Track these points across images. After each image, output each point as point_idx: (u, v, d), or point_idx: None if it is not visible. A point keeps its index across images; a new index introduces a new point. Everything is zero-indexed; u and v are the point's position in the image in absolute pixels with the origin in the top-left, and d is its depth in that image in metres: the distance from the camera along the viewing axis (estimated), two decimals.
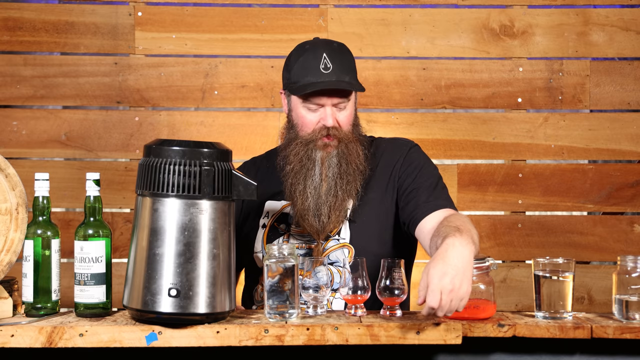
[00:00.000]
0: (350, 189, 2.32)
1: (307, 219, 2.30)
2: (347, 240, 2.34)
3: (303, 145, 2.32)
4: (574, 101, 3.28)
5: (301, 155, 2.32)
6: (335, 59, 2.32)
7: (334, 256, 2.33)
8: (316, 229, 2.30)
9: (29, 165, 3.25)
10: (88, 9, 3.25)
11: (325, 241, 2.34)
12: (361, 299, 2.08)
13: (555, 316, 2.03)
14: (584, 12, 3.28)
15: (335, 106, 2.31)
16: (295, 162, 2.32)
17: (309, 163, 2.31)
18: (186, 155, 1.94)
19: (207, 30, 3.27)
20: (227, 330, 1.93)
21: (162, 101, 3.27)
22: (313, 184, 2.31)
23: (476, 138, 3.27)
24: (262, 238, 2.40)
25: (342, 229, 2.34)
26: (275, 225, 2.40)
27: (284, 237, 2.38)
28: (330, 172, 2.31)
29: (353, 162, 2.32)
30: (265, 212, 2.42)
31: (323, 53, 2.32)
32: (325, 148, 2.32)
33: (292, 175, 2.33)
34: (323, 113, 2.31)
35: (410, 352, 1.99)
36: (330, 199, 2.30)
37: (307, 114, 2.32)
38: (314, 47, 2.35)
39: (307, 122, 2.33)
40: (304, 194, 2.31)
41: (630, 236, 3.27)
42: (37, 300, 2.06)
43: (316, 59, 2.31)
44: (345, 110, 2.33)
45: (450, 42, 3.28)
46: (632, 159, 3.29)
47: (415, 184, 2.34)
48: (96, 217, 2.08)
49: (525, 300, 3.25)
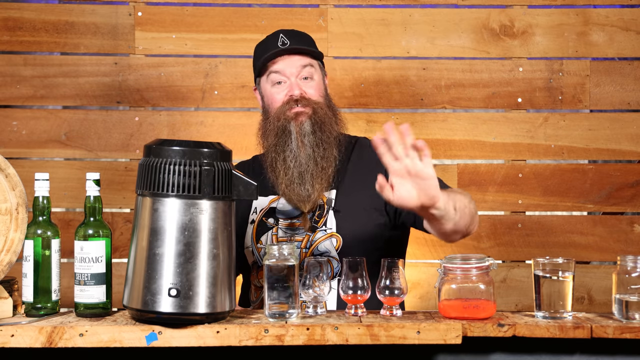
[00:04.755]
0: (327, 156, 2.38)
1: (293, 189, 2.36)
2: (334, 230, 2.37)
3: (276, 120, 2.40)
4: (574, 101, 3.28)
5: (276, 129, 2.39)
6: (292, 36, 2.44)
7: (322, 247, 2.36)
8: (302, 197, 2.36)
9: (29, 165, 3.25)
10: (88, 9, 3.25)
11: (313, 232, 2.37)
12: (361, 298, 2.08)
13: (555, 316, 2.03)
14: (584, 12, 3.28)
15: (299, 78, 2.41)
16: (271, 136, 2.40)
17: (285, 134, 2.38)
18: (186, 155, 1.94)
19: (207, 30, 3.27)
20: (227, 330, 1.93)
21: (162, 101, 3.27)
22: (292, 154, 2.37)
23: (476, 138, 3.27)
24: (251, 233, 2.44)
25: (327, 219, 2.38)
26: (264, 220, 2.44)
27: (273, 231, 2.41)
28: (307, 139, 2.37)
29: (327, 129, 2.39)
30: (254, 209, 2.47)
31: (280, 34, 2.45)
32: (297, 117, 2.39)
33: (272, 149, 2.40)
34: (289, 86, 2.40)
35: (410, 352, 1.99)
36: (311, 166, 2.36)
37: (274, 89, 2.43)
38: (273, 33, 2.49)
39: (276, 98, 2.42)
40: (284, 164, 2.38)
41: (630, 236, 3.27)
42: (37, 300, 2.06)
43: (274, 38, 2.45)
44: (312, 80, 2.43)
45: (450, 42, 3.28)
46: (632, 159, 3.29)
47: None
48: (96, 217, 2.08)
49: (525, 300, 3.25)
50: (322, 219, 2.39)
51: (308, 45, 2.47)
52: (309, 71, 2.43)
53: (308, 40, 2.51)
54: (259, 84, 2.52)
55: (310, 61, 2.44)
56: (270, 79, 2.44)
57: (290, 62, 2.42)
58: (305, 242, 2.37)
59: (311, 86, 2.43)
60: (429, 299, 3.25)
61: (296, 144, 2.37)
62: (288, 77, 2.41)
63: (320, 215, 2.40)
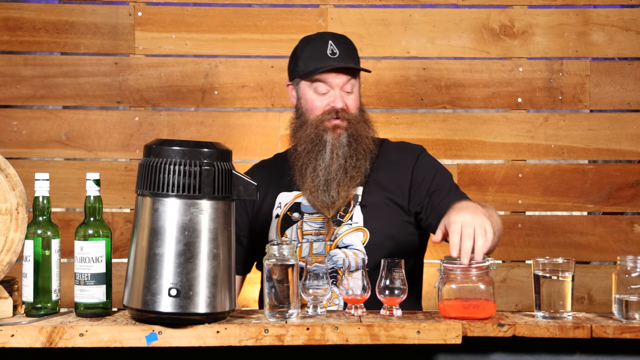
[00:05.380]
0: (359, 166, 2.42)
1: (316, 195, 2.40)
2: (361, 224, 2.40)
3: (313, 128, 2.43)
4: (574, 101, 3.28)
5: (312, 136, 2.43)
6: (340, 45, 2.45)
7: (347, 240, 2.40)
8: (326, 204, 2.40)
9: (29, 165, 3.25)
10: (88, 9, 3.25)
11: (338, 226, 2.41)
12: (361, 298, 2.08)
13: (555, 316, 2.03)
14: (584, 12, 3.28)
15: (342, 90, 2.43)
16: (306, 143, 2.43)
17: (320, 144, 2.42)
18: (186, 155, 1.94)
19: (207, 30, 3.27)
20: (227, 330, 1.93)
21: (162, 101, 3.27)
22: (324, 163, 2.41)
23: (476, 138, 3.27)
24: (276, 227, 2.48)
25: (354, 214, 2.42)
26: (289, 215, 2.47)
27: (298, 225, 2.45)
28: (341, 151, 2.41)
29: (362, 142, 2.43)
30: (278, 203, 2.50)
31: (329, 41, 2.45)
32: (335, 129, 2.42)
33: (303, 155, 2.44)
34: (332, 96, 2.43)
35: (410, 352, 1.99)
36: (339, 175, 2.40)
37: (316, 97, 2.44)
38: (320, 36, 2.51)
39: (316, 106, 2.44)
40: (314, 172, 2.41)
41: (630, 236, 3.27)
42: (37, 300, 2.06)
43: (323, 45, 2.44)
44: (352, 94, 2.45)
45: (450, 42, 3.28)
46: (632, 159, 3.29)
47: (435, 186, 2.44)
48: (96, 217, 2.08)
49: (525, 300, 3.25)
50: (349, 214, 2.43)
51: (356, 58, 2.48)
52: (352, 84, 2.46)
53: (352, 50, 2.50)
54: (297, 84, 2.51)
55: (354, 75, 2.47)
56: (314, 86, 2.45)
57: (338, 76, 2.43)
58: (330, 235, 2.41)
59: (352, 99, 2.46)
60: (429, 299, 3.25)
61: (329, 155, 2.42)
62: (333, 88, 2.44)
63: (346, 211, 2.44)
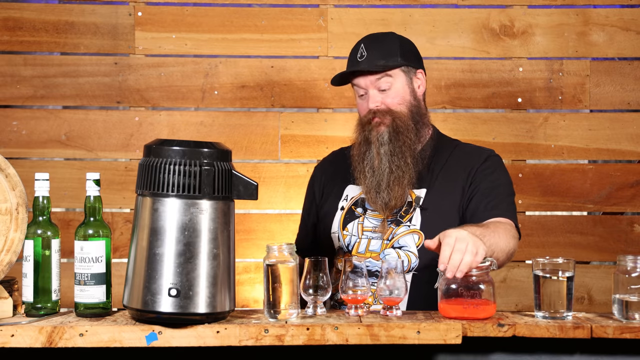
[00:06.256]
0: (405, 164, 2.44)
1: (372, 196, 2.44)
2: (418, 227, 2.42)
3: (360, 130, 2.49)
4: (574, 101, 3.28)
5: (360, 138, 2.49)
6: (370, 46, 2.48)
7: (403, 241, 2.41)
8: (380, 205, 2.43)
9: (29, 165, 3.25)
10: (88, 9, 3.25)
11: (397, 227, 2.43)
12: (361, 298, 2.08)
13: (555, 316, 2.03)
14: (584, 12, 3.28)
15: (378, 89, 2.46)
16: (356, 145, 2.50)
17: (365, 144, 2.47)
18: (186, 155, 1.94)
19: (207, 30, 3.28)
20: (227, 330, 1.93)
21: (162, 101, 3.27)
22: (370, 163, 2.45)
23: (476, 138, 3.27)
24: (339, 220, 2.51)
25: (413, 216, 2.44)
26: (353, 209, 2.51)
27: (359, 220, 2.48)
28: (382, 149, 2.44)
29: (404, 138, 2.45)
30: (345, 195, 2.55)
31: (361, 44, 2.50)
32: (377, 128, 2.46)
33: (355, 158, 2.49)
34: (368, 98, 2.48)
35: (410, 352, 1.99)
36: (386, 174, 2.43)
37: (359, 100, 2.52)
38: (360, 39, 2.53)
39: (361, 109, 2.51)
40: (363, 173, 2.46)
41: (630, 236, 3.27)
42: (37, 300, 2.06)
43: (355, 49, 2.50)
44: (390, 90, 2.46)
45: (450, 42, 3.28)
46: (632, 159, 3.29)
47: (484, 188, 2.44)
48: (96, 217, 2.08)
49: (525, 300, 3.25)
50: (409, 215, 2.45)
51: (384, 56, 2.47)
52: (387, 82, 2.46)
53: (387, 48, 2.49)
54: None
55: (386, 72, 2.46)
56: (355, 89, 2.52)
57: (365, 77, 2.47)
58: (387, 235, 2.43)
59: (390, 95, 2.47)
60: None
61: (374, 153, 2.45)
62: (366, 90, 2.47)
63: (407, 212, 2.45)
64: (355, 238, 2.46)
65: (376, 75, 2.44)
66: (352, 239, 2.46)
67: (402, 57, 2.47)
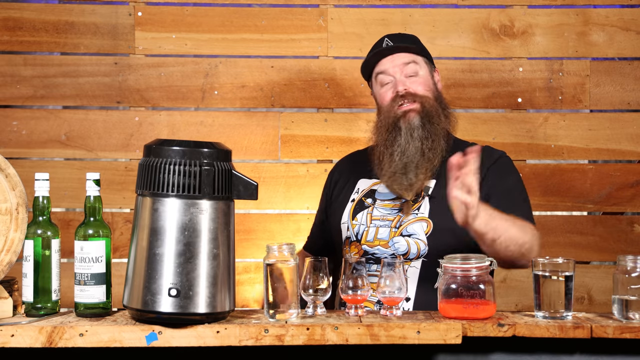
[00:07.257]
0: (435, 146, 2.48)
1: (395, 179, 2.46)
2: (427, 215, 2.44)
3: (387, 117, 2.50)
4: (574, 101, 3.28)
5: (387, 125, 2.50)
6: (394, 38, 2.55)
7: (411, 228, 2.43)
8: (404, 186, 2.45)
9: (29, 165, 3.25)
10: (88, 9, 3.25)
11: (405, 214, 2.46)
12: (361, 298, 2.08)
13: (555, 316, 2.03)
14: (584, 12, 3.28)
15: (405, 75, 2.50)
16: (383, 132, 2.51)
17: (395, 130, 2.49)
18: (186, 155, 1.95)
19: (207, 30, 3.27)
20: (227, 330, 1.93)
21: (162, 101, 3.27)
22: (400, 148, 2.47)
23: (476, 138, 3.27)
24: (349, 210, 2.55)
25: (422, 204, 2.46)
26: (363, 200, 2.55)
27: (369, 210, 2.51)
28: (416, 133, 2.47)
29: (435, 121, 2.49)
30: (357, 189, 2.59)
31: (385, 37, 2.55)
32: (406, 115, 2.48)
33: (382, 144, 2.50)
34: (394, 84, 2.50)
35: (410, 352, 1.99)
36: (417, 157, 2.46)
37: (383, 89, 2.54)
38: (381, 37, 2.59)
39: (385, 97, 2.53)
40: (390, 158, 2.48)
41: (630, 236, 3.27)
42: (37, 300, 2.06)
43: (380, 42, 2.57)
44: (417, 77, 2.51)
45: (450, 42, 3.28)
46: (632, 159, 3.29)
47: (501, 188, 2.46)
48: (96, 217, 2.08)
49: (525, 300, 3.25)
50: (417, 204, 2.47)
51: (411, 43, 2.55)
52: (413, 68, 2.52)
53: (411, 39, 2.60)
54: (372, 86, 2.63)
55: (413, 58, 2.53)
56: (378, 80, 2.55)
57: (392, 61, 2.52)
58: (395, 222, 2.46)
59: (416, 82, 2.51)
60: None
61: (405, 139, 2.47)
62: (393, 76, 2.51)
63: (415, 201, 2.48)
64: (363, 227, 2.49)
65: (404, 59, 2.49)
66: (361, 228, 2.49)
67: (424, 52, 2.56)
